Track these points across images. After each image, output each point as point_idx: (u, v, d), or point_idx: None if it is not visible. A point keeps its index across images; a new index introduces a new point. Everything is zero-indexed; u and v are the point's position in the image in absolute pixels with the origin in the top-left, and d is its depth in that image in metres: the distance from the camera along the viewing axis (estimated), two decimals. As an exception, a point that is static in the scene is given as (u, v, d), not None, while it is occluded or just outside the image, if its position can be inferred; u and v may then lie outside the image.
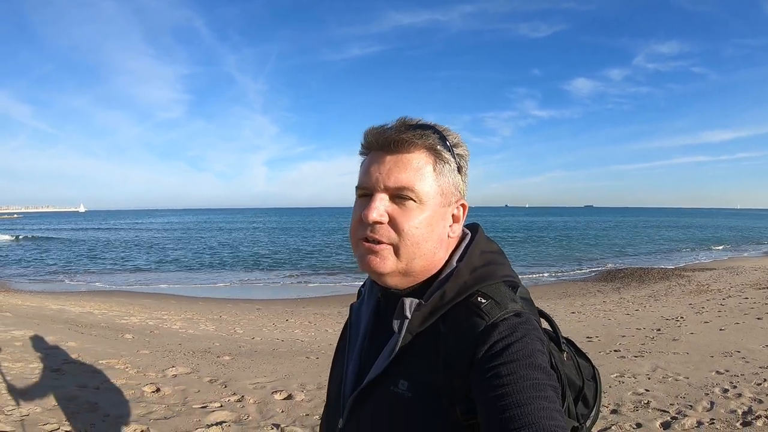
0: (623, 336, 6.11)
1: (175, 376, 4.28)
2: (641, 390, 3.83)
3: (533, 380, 0.62)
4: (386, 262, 0.73)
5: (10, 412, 3.07)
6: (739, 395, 3.66)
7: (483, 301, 0.71)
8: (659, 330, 6.42)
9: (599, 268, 18.11)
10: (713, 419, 3.21)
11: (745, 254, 22.80)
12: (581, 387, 0.79)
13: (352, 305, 0.93)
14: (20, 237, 35.78)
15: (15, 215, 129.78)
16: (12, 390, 3.42)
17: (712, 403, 3.50)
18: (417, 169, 0.73)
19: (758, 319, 6.82)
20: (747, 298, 8.91)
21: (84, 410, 3.24)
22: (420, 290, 0.76)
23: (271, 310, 10.03)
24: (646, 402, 3.55)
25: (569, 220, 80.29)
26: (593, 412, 0.81)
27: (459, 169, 0.77)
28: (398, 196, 0.73)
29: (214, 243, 33.75)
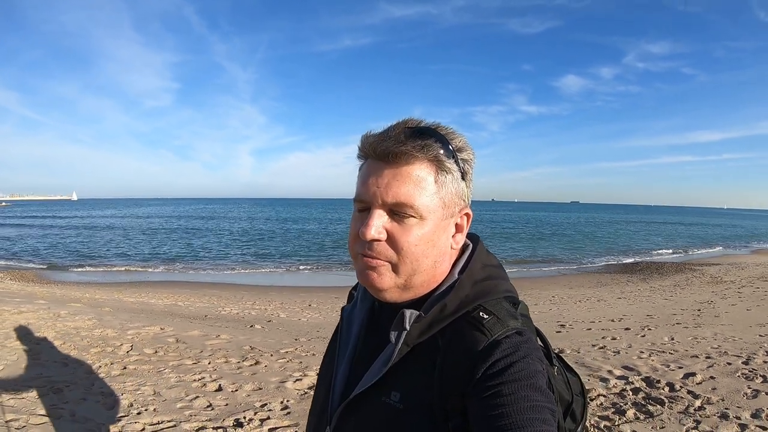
0: (674, 314, 7.72)
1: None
2: (715, 345, 5.41)
3: (533, 402, 0.62)
4: (384, 279, 0.72)
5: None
6: (785, 347, 5.29)
7: (485, 316, 0.70)
8: (699, 310, 8.04)
9: (611, 262, 19.91)
10: (774, 360, 4.81)
11: (739, 251, 24.93)
12: (570, 402, 0.79)
13: (343, 308, 0.91)
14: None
15: (3, 203, 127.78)
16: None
17: (767, 352, 5.09)
18: (417, 182, 0.69)
19: (775, 303, 8.53)
20: (758, 288, 10.67)
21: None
22: (419, 301, 0.74)
23: (350, 298, 11.13)
24: (723, 351, 5.12)
25: (560, 216, 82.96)
26: (580, 428, 0.81)
27: (463, 176, 0.74)
28: (397, 212, 0.70)
29: (227, 232, 35.07)
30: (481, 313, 0.70)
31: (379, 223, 0.70)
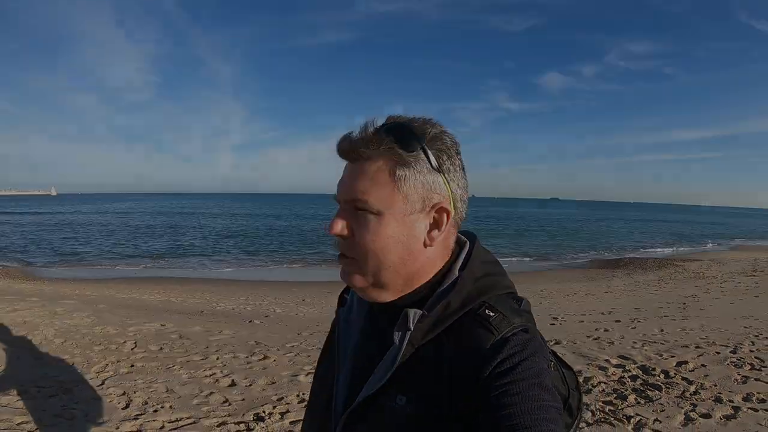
0: (661, 307, 8.00)
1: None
2: (703, 336, 5.64)
3: (540, 401, 0.61)
4: (354, 277, 0.72)
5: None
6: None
7: (491, 314, 0.68)
8: (685, 304, 8.35)
9: (595, 258, 20.34)
10: (758, 349, 5.03)
11: (719, 247, 25.84)
12: (567, 396, 0.77)
13: (338, 310, 0.89)
14: None
15: None
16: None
17: (752, 342, 5.33)
18: (371, 178, 0.68)
19: (756, 297, 8.94)
20: (740, 282, 11.10)
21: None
22: (420, 300, 0.72)
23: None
24: (711, 341, 5.35)
25: (540, 212, 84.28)
26: (576, 421, 0.79)
27: (439, 167, 0.69)
28: (356, 208, 0.70)
29: (210, 228, 34.62)
30: (486, 311, 0.69)
31: (340, 219, 0.71)
